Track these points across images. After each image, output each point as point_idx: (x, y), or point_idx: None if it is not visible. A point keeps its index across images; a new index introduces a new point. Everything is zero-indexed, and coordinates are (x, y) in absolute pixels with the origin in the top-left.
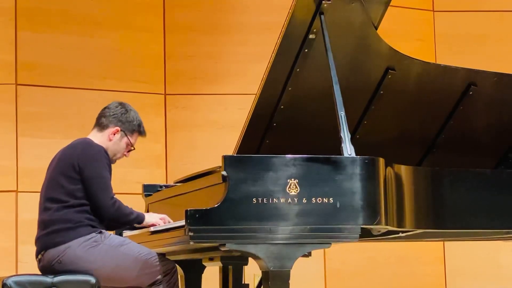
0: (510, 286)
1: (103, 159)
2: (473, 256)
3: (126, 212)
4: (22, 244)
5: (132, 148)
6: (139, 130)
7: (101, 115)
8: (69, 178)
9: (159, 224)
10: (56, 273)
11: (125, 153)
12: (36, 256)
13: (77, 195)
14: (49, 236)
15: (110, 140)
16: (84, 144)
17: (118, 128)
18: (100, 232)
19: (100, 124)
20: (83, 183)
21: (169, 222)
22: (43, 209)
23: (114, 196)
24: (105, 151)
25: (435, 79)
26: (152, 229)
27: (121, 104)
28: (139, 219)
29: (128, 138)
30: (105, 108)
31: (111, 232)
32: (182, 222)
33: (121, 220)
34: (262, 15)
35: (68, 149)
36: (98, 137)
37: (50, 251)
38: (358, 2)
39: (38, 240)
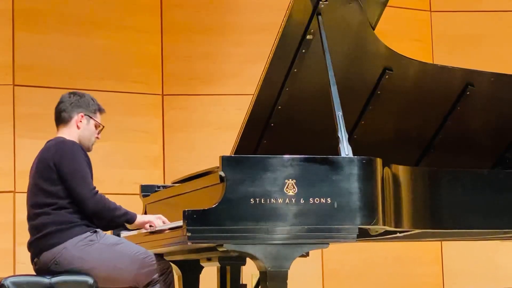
0: (507, 286)
1: (79, 153)
2: (471, 256)
3: (110, 206)
4: (20, 245)
5: (102, 127)
6: (99, 108)
7: (59, 111)
8: (48, 180)
9: (153, 222)
10: (53, 274)
11: (97, 135)
12: (32, 261)
13: (61, 195)
14: (43, 239)
15: (79, 128)
16: (57, 143)
17: (81, 114)
18: (95, 231)
19: (63, 120)
20: (62, 181)
21: (163, 222)
22: (32, 215)
23: (96, 189)
24: (80, 146)
25: (432, 79)
26: (156, 228)
27: (72, 93)
28: (129, 217)
29: (94, 119)
30: (59, 104)
31: (107, 232)
32: (180, 223)
33: (106, 215)
34: (260, 15)
35: (44, 152)
36: (66, 132)
37: (45, 254)
38: (355, 3)
39: (31, 245)
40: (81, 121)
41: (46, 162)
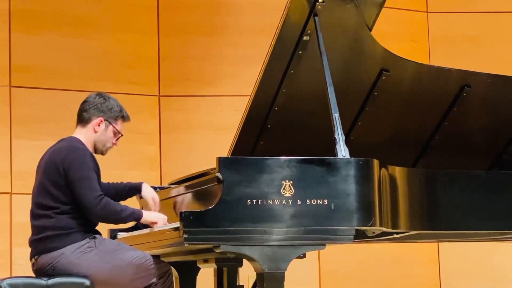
0: (504, 286)
1: (88, 161)
2: (468, 257)
3: (117, 209)
4: (17, 246)
5: (120, 135)
6: (122, 115)
7: (81, 110)
8: (55, 184)
9: (158, 223)
10: (50, 276)
11: (114, 141)
12: (30, 259)
13: (65, 200)
14: (42, 242)
15: (96, 132)
16: (69, 148)
17: (101, 118)
18: (94, 238)
19: (82, 120)
20: (69, 187)
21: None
22: (35, 215)
23: (101, 196)
24: (90, 153)
25: (429, 80)
26: (155, 229)
27: (99, 94)
28: (135, 215)
29: (113, 126)
30: (83, 102)
31: (105, 237)
32: (177, 224)
33: (112, 218)
34: (257, 17)
35: (54, 152)
36: (83, 133)
37: (43, 257)
38: (352, 4)
39: (31, 244)
40: (99, 125)
41: (55, 166)
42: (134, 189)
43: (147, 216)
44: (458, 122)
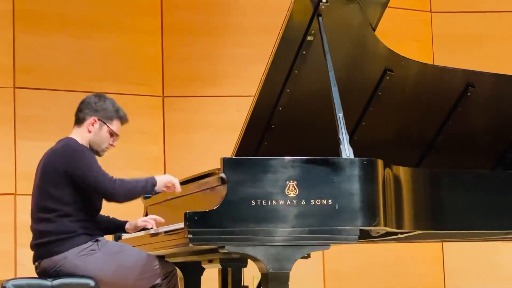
0: (508, 286)
1: (86, 153)
2: (472, 256)
3: (132, 184)
4: (21, 247)
5: (117, 135)
6: (119, 116)
7: (77, 110)
8: (55, 184)
9: (173, 181)
10: (54, 276)
11: (111, 142)
12: (34, 262)
13: (66, 200)
14: (44, 246)
15: (90, 132)
16: (65, 147)
17: (94, 118)
18: (97, 240)
19: (77, 120)
20: (75, 184)
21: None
22: (36, 219)
23: (113, 177)
24: (84, 146)
25: (433, 80)
26: (151, 231)
27: (96, 95)
28: (150, 183)
29: (108, 126)
30: (80, 102)
31: (109, 239)
32: (181, 225)
33: (132, 192)
34: (260, 16)
35: (51, 154)
36: (78, 133)
37: (46, 261)
38: (355, 4)
39: (33, 248)
40: (92, 125)
41: (54, 166)
42: (120, 227)
43: (161, 180)
44: (462, 121)
